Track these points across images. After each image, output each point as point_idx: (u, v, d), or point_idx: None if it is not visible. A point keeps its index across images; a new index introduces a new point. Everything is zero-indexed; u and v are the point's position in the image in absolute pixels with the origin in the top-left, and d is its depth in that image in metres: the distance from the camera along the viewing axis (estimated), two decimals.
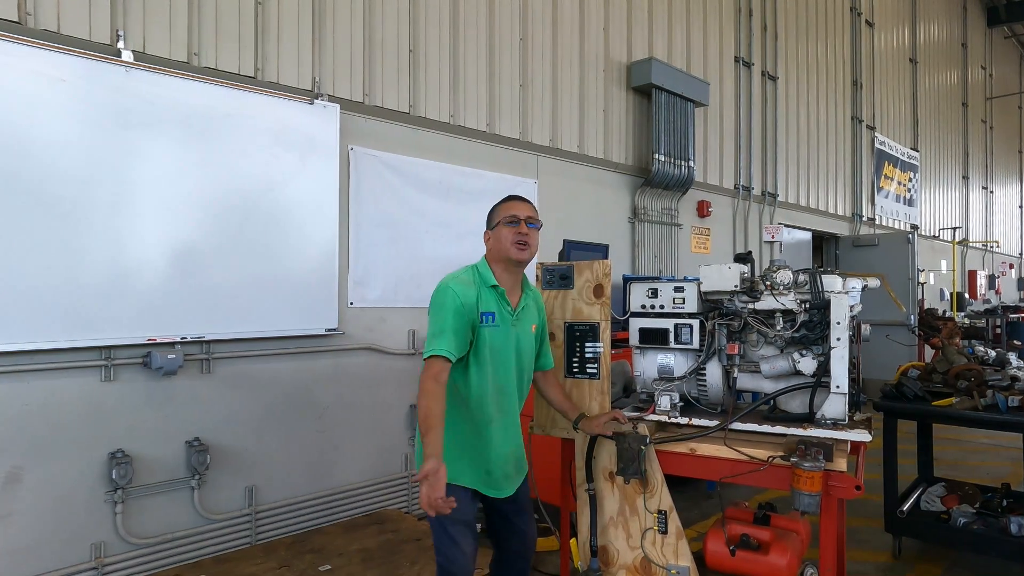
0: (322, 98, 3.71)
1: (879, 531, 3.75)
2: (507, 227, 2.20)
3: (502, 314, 2.20)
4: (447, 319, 2.07)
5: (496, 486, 2.23)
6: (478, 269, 2.25)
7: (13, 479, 2.77)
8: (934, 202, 13.08)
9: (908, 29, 11.84)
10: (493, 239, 2.25)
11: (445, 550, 2.18)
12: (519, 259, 2.20)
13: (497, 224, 2.23)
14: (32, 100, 2.76)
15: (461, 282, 2.15)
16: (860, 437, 2.24)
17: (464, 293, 2.12)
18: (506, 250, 2.19)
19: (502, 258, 2.22)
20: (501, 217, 2.23)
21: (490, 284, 2.19)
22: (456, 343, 2.06)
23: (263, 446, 3.52)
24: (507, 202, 2.29)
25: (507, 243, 2.19)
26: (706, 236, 6.98)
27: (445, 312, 2.08)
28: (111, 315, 2.95)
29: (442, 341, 2.04)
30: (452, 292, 2.11)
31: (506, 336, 2.20)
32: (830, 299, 2.31)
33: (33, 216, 2.76)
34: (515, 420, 2.28)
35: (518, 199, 2.30)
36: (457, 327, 2.07)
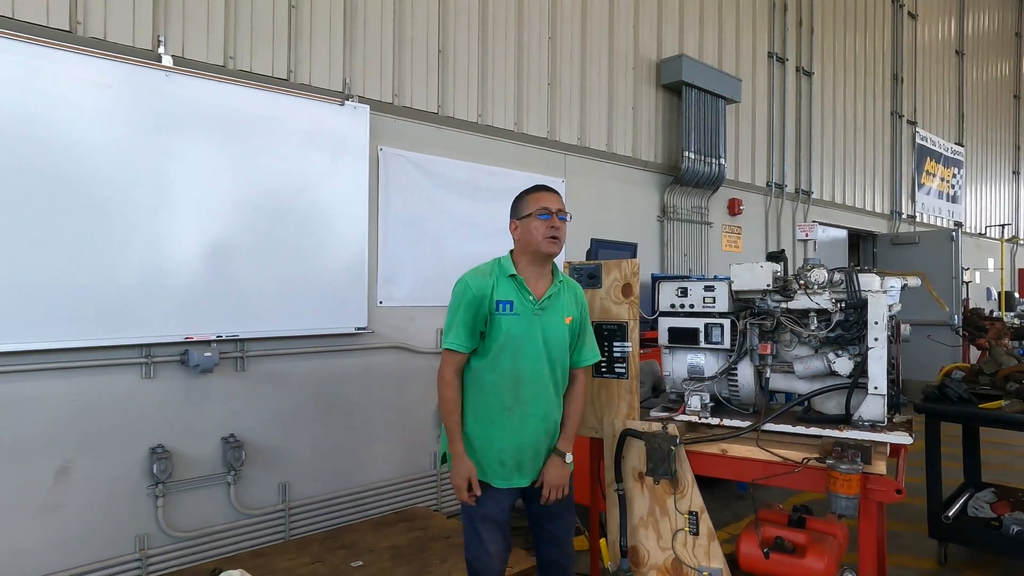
0: (352, 99, 3.76)
1: (922, 536, 3.63)
2: (539, 220, 2.17)
3: (522, 303, 2.17)
4: (458, 312, 2.15)
5: (508, 477, 2.18)
6: (500, 261, 2.25)
7: (63, 472, 2.87)
8: (981, 198, 12.62)
9: (954, 19, 11.45)
10: (522, 230, 2.21)
11: (471, 547, 2.19)
12: (550, 252, 2.19)
13: (527, 216, 2.19)
14: (78, 105, 2.86)
15: (477, 273, 2.19)
16: (900, 439, 2.18)
17: (477, 284, 2.15)
18: (537, 243, 2.17)
19: (531, 250, 2.20)
20: (533, 209, 2.19)
21: (508, 274, 2.19)
22: (466, 335, 2.14)
23: (295, 443, 3.58)
24: (536, 193, 2.24)
25: (539, 236, 2.17)
26: (737, 234, 6.86)
27: (456, 305, 2.16)
28: (151, 314, 3.04)
29: (452, 334, 2.14)
30: (465, 284, 2.17)
31: (528, 325, 2.16)
32: (867, 298, 2.24)
33: (78, 217, 2.86)
34: (539, 411, 2.19)
35: (547, 190, 2.26)
36: (466, 319, 2.14)
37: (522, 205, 2.23)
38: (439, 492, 4.20)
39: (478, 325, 2.15)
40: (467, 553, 2.21)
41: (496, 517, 2.18)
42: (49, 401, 2.84)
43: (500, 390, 2.16)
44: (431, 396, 4.17)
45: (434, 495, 4.17)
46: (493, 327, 2.15)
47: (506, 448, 2.16)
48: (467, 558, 2.21)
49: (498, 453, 2.17)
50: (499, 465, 2.17)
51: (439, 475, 4.19)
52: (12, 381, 2.75)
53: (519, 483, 2.21)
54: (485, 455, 2.17)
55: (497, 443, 2.16)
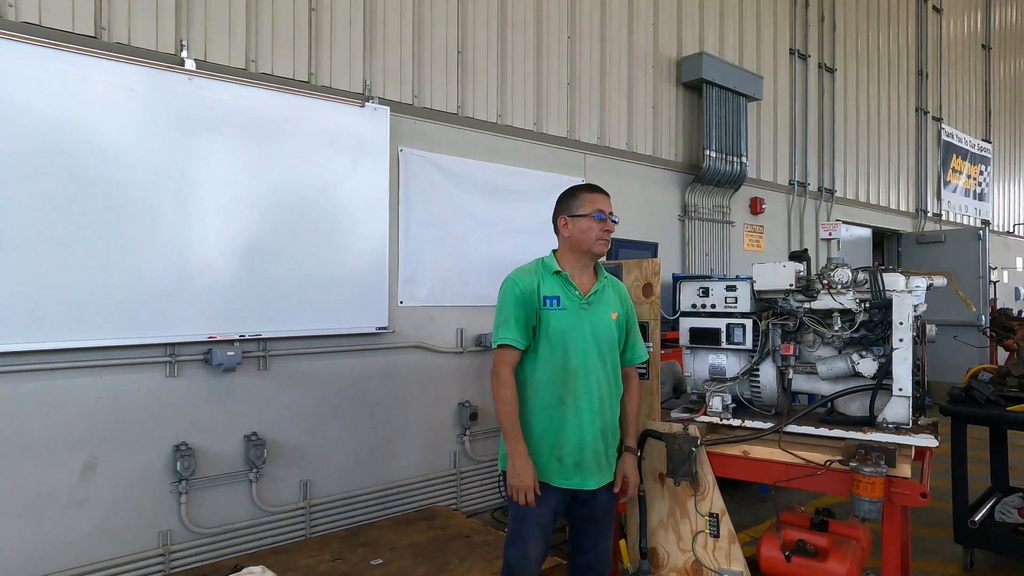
0: (373, 101, 3.79)
1: (948, 541, 3.57)
2: (595, 221, 2.18)
3: (569, 298, 2.18)
4: (509, 309, 2.15)
5: (565, 475, 2.15)
6: (543, 260, 2.26)
7: (90, 468, 2.93)
8: (1009, 196, 12.35)
9: (981, 13, 11.21)
10: (574, 228, 2.20)
11: (514, 547, 2.18)
12: (600, 253, 2.23)
13: (582, 215, 2.19)
14: (105, 109, 2.92)
15: (523, 272, 2.21)
16: (925, 442, 2.14)
17: (524, 281, 2.17)
18: (590, 243, 2.19)
19: (583, 249, 2.21)
20: (589, 210, 2.19)
21: (553, 270, 2.21)
22: (519, 331, 2.14)
23: (317, 441, 3.62)
24: (593, 193, 2.24)
25: (592, 236, 2.18)
26: (759, 233, 6.79)
27: (506, 302, 2.16)
28: (175, 313, 3.09)
29: (507, 331, 2.14)
30: (512, 282, 2.18)
31: (577, 320, 2.17)
32: (892, 298, 2.21)
33: (105, 219, 2.92)
34: (592, 406, 2.17)
35: (601, 192, 2.26)
36: (518, 315, 2.14)
37: (576, 203, 2.22)
38: (459, 491, 4.21)
39: (530, 320, 2.16)
40: (508, 552, 2.20)
41: (542, 519, 2.16)
42: (76, 398, 2.90)
43: (553, 385, 2.16)
44: (451, 395, 4.19)
45: (454, 494, 4.19)
46: (541, 323, 2.16)
47: (563, 444, 2.14)
48: (507, 557, 2.20)
49: (555, 450, 2.15)
50: (557, 463, 2.15)
51: (459, 474, 4.21)
52: (41, 379, 2.82)
53: (579, 484, 2.17)
54: (542, 452, 2.15)
55: (553, 438, 2.15)
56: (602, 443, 2.21)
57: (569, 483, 2.16)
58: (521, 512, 2.16)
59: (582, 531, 2.28)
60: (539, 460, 2.15)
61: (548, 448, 2.16)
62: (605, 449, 2.22)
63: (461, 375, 4.23)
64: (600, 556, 2.29)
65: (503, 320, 2.15)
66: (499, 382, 2.13)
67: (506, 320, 2.14)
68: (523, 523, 2.16)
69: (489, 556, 3.11)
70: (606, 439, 2.23)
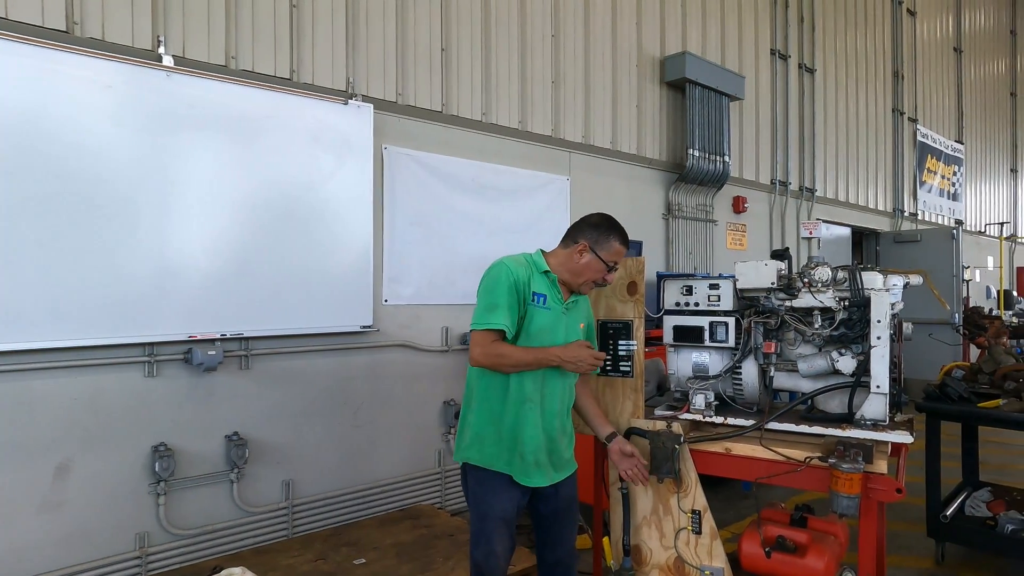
0: (356, 98, 3.76)
1: (921, 536, 3.64)
2: (605, 268, 2.20)
3: (553, 299, 2.19)
4: (501, 294, 2.08)
5: (527, 473, 2.14)
6: (532, 257, 2.24)
7: (64, 470, 2.88)
8: (980, 196, 12.63)
9: (952, 17, 11.44)
10: (587, 260, 2.19)
11: (479, 546, 2.16)
12: (583, 292, 2.28)
13: (601, 256, 2.18)
14: (81, 106, 2.86)
15: (516, 261, 2.17)
16: (901, 439, 2.19)
17: (517, 271, 2.13)
18: (585, 281, 2.22)
19: (573, 279, 2.22)
20: (610, 259, 2.20)
21: (542, 270, 2.20)
22: (511, 319, 2.07)
23: (300, 441, 3.59)
24: (621, 244, 2.23)
25: (588, 277, 2.21)
26: (742, 232, 6.86)
27: (499, 287, 2.09)
28: (155, 312, 3.04)
29: (500, 315, 2.05)
30: (507, 267, 2.12)
31: (556, 321, 2.18)
32: (870, 296, 2.25)
33: (83, 217, 2.86)
34: (556, 409, 2.20)
35: (627, 243, 2.26)
36: (511, 303, 2.08)
37: (606, 244, 2.20)
38: (444, 490, 4.21)
39: (520, 310, 2.11)
40: (475, 552, 2.17)
41: (506, 515, 2.15)
42: (52, 399, 2.85)
43: (523, 382, 2.13)
44: (436, 394, 4.18)
45: (439, 493, 4.18)
46: (527, 317, 2.14)
47: (528, 441, 2.13)
48: (474, 557, 2.17)
49: (519, 446, 2.13)
50: (519, 459, 2.13)
51: (444, 472, 4.21)
52: (15, 380, 2.76)
53: (538, 482, 2.17)
54: (506, 448, 2.14)
55: (519, 435, 2.13)
56: (562, 442, 2.26)
57: (530, 481, 2.15)
58: (483, 511, 2.15)
59: (548, 527, 2.28)
60: (501, 455, 2.14)
61: (510, 444, 2.14)
62: (563, 449, 2.27)
63: (446, 374, 4.23)
64: (568, 551, 2.31)
65: (495, 304, 2.06)
66: (493, 354, 2.04)
67: (498, 305, 2.06)
68: (486, 521, 2.14)
69: None
70: (565, 438, 2.28)
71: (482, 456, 2.16)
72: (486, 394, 2.17)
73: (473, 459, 2.18)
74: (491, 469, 2.15)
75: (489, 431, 2.16)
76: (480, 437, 2.17)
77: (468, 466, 2.21)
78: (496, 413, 2.15)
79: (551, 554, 2.30)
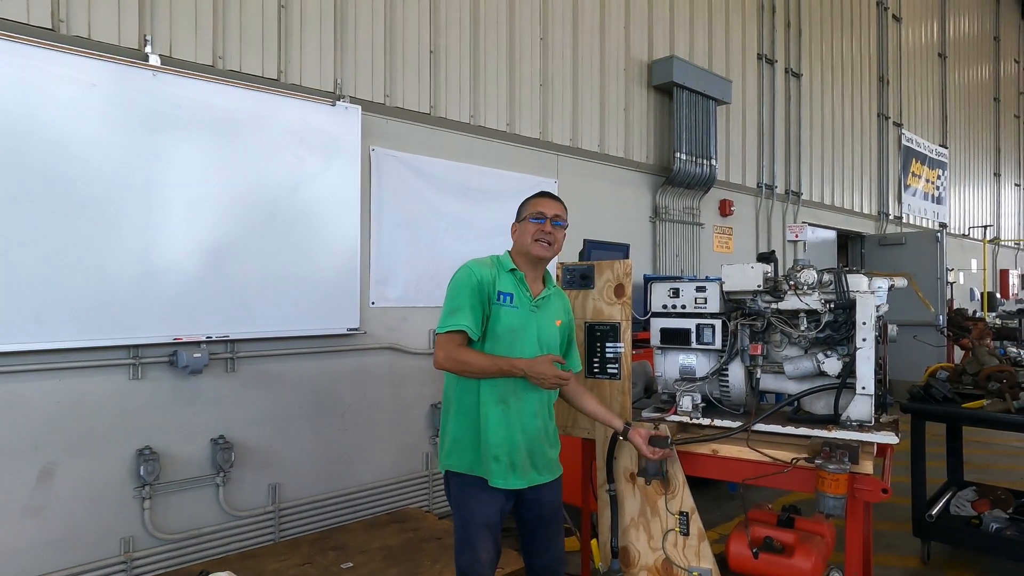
0: (344, 99, 3.74)
1: (907, 535, 3.68)
2: (532, 223, 2.21)
3: (520, 297, 2.18)
4: (464, 296, 2.09)
5: (504, 476, 2.10)
6: (499, 257, 2.27)
7: (47, 474, 2.84)
8: (964, 200, 12.79)
9: (937, 23, 11.59)
10: (518, 232, 2.27)
11: (464, 553, 2.13)
12: (539, 255, 2.20)
13: (524, 218, 2.25)
14: (66, 105, 2.83)
15: (480, 263, 2.20)
16: (887, 439, 2.20)
17: (481, 272, 2.14)
18: (528, 245, 2.20)
19: (523, 252, 2.23)
20: (528, 212, 2.24)
21: (508, 268, 2.21)
22: (475, 320, 2.07)
23: (286, 444, 3.56)
24: (536, 198, 2.29)
25: (529, 238, 2.20)
26: (728, 235, 6.91)
27: (461, 289, 2.10)
28: (139, 314, 3.01)
29: (462, 317, 2.06)
30: (469, 270, 2.14)
31: (526, 320, 2.17)
32: (855, 299, 2.27)
33: (68, 217, 2.83)
34: (534, 409, 2.17)
35: (548, 196, 2.30)
36: (474, 304, 2.08)
37: (523, 208, 2.30)
38: (431, 493, 4.19)
39: (485, 311, 2.12)
40: (459, 560, 2.15)
41: (489, 521, 2.12)
42: (35, 402, 2.81)
43: (495, 383, 2.11)
44: (423, 397, 4.17)
45: (426, 496, 4.17)
46: (493, 317, 2.13)
47: (501, 443, 2.10)
48: (459, 564, 2.15)
49: (493, 448, 2.10)
50: (494, 462, 2.10)
51: (431, 476, 4.19)
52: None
53: (515, 484, 2.13)
54: (480, 451, 2.11)
55: (492, 437, 2.10)
56: (543, 443, 2.21)
57: (508, 484, 2.11)
58: (465, 517, 2.12)
59: (532, 533, 2.25)
60: (479, 459, 2.12)
61: (488, 448, 2.10)
62: (545, 450, 2.22)
63: (434, 377, 4.21)
64: (556, 557, 2.28)
65: (457, 307, 2.08)
66: (455, 359, 2.03)
67: (460, 307, 2.07)
68: (469, 527, 2.11)
69: None
70: (548, 439, 2.23)
71: (461, 462, 2.14)
72: (463, 399, 2.15)
73: (454, 466, 2.15)
74: (472, 475, 2.13)
75: (467, 436, 2.13)
76: (459, 443, 2.15)
77: (450, 473, 2.19)
78: (472, 417, 2.13)
79: (538, 560, 2.28)
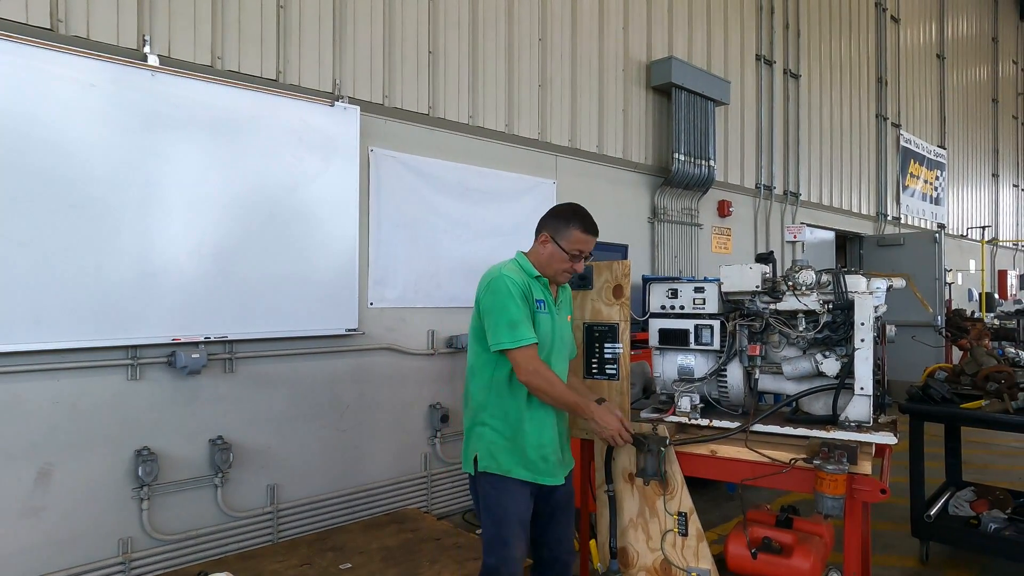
0: (343, 100, 3.74)
1: (906, 535, 3.68)
2: (569, 257, 2.21)
3: (548, 302, 2.24)
4: (515, 308, 2.10)
5: (549, 473, 2.21)
6: (520, 263, 2.25)
7: (44, 475, 2.83)
8: (962, 200, 12.81)
9: (935, 24, 11.61)
10: (549, 252, 2.22)
11: (496, 551, 2.15)
12: (559, 283, 2.29)
13: (562, 243, 2.20)
14: (65, 105, 2.83)
15: (512, 271, 2.18)
16: (885, 440, 2.20)
17: (520, 281, 2.16)
18: (553, 271, 2.24)
19: (543, 269, 2.25)
20: (570, 247, 2.20)
21: (534, 275, 2.23)
22: (533, 330, 2.12)
23: (285, 445, 3.56)
24: (584, 234, 2.21)
25: (557, 268, 2.23)
26: (727, 236, 6.91)
27: (510, 300, 2.10)
28: (138, 315, 3.01)
29: (525, 329, 2.09)
30: (510, 280, 2.13)
31: (554, 322, 2.25)
32: (854, 299, 2.27)
33: (66, 217, 2.83)
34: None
35: (593, 230, 2.24)
36: (527, 314, 2.12)
37: (566, 233, 2.21)
38: (430, 494, 4.19)
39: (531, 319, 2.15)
40: (490, 558, 2.16)
41: (523, 517, 2.18)
42: (33, 403, 2.81)
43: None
44: (422, 397, 4.17)
45: (425, 497, 4.16)
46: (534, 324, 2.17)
47: (550, 443, 2.20)
48: (490, 563, 2.15)
49: (546, 448, 2.19)
50: (543, 461, 2.18)
51: (430, 476, 4.19)
52: None
53: (559, 480, 2.24)
54: (528, 451, 2.17)
55: (545, 438, 2.19)
56: (566, 439, 2.35)
57: (553, 480, 2.22)
58: (499, 515, 2.15)
59: (546, 525, 2.31)
60: (518, 460, 2.17)
61: (538, 447, 2.19)
62: (562, 445, 2.32)
63: (432, 377, 4.21)
64: (567, 547, 2.36)
65: (514, 320, 2.08)
66: (540, 375, 2.08)
67: (518, 319, 2.08)
68: (503, 526, 2.14)
69: (460, 559, 3.10)
70: (563, 436, 2.33)
71: (499, 466, 2.18)
72: (501, 403, 2.19)
73: (491, 468, 2.19)
74: (511, 477, 2.17)
75: (506, 441, 2.18)
76: (495, 444, 2.19)
77: (482, 474, 2.21)
78: (513, 420, 2.18)
79: (548, 552, 2.33)
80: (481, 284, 2.22)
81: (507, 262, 2.26)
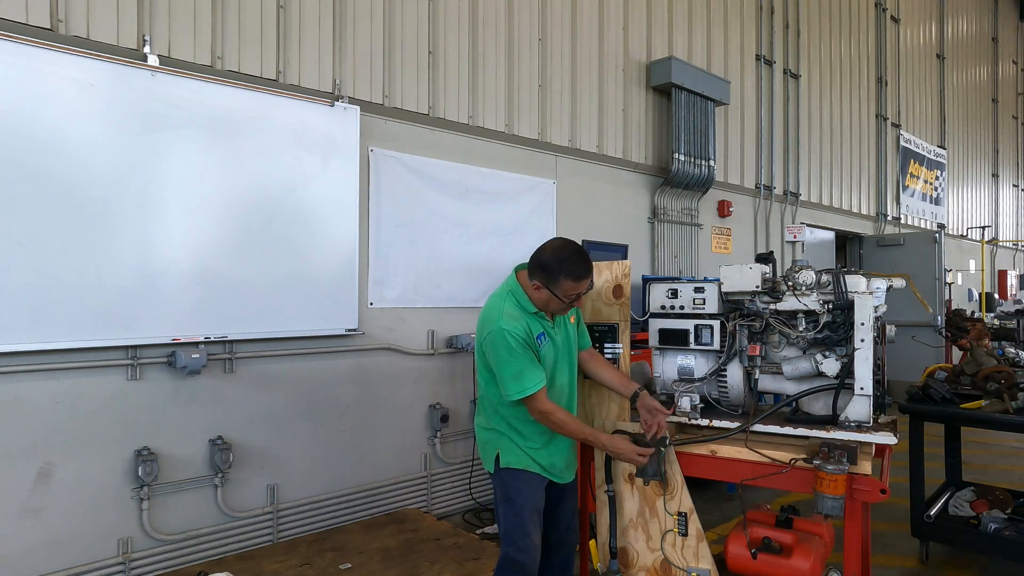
0: (342, 100, 3.74)
1: (906, 535, 3.68)
2: (564, 299, 2.20)
3: (547, 331, 2.30)
4: (520, 359, 2.17)
5: (559, 475, 2.38)
6: (515, 298, 2.25)
7: (45, 475, 2.83)
8: (962, 201, 12.81)
9: (935, 24, 11.61)
10: (544, 299, 2.22)
11: (517, 540, 2.24)
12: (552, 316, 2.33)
13: (556, 292, 2.18)
14: (64, 105, 2.83)
15: (509, 319, 2.18)
16: (885, 440, 2.20)
17: (518, 329, 2.18)
18: (552, 311, 2.30)
19: (539, 306, 2.27)
20: (565, 293, 2.18)
21: (531, 312, 2.26)
22: (539, 371, 2.21)
23: (285, 445, 3.56)
24: (576, 282, 2.17)
25: (555, 308, 2.28)
26: (727, 236, 6.91)
27: (514, 353, 2.16)
28: (138, 315, 3.01)
29: (530, 378, 2.16)
30: (508, 333, 2.16)
31: (555, 346, 2.33)
32: (854, 299, 2.27)
33: (67, 217, 2.83)
34: (574, 412, 2.46)
35: (585, 274, 2.20)
36: (531, 358, 2.20)
37: (557, 283, 2.17)
38: (430, 494, 4.19)
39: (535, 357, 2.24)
40: (509, 547, 2.25)
41: (539, 505, 2.31)
42: (32, 403, 2.81)
43: (561, 400, 2.36)
44: (421, 397, 4.17)
45: (424, 497, 4.16)
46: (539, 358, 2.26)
47: (559, 455, 2.38)
48: (510, 552, 2.25)
49: (564, 451, 2.39)
50: (552, 467, 2.36)
51: (429, 476, 4.19)
52: None
53: (569, 478, 2.45)
54: (541, 460, 2.32)
55: (560, 446, 2.37)
56: (572, 447, 2.46)
57: (563, 478, 2.41)
58: (520, 504, 2.26)
59: (553, 510, 2.43)
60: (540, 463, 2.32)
61: (555, 452, 2.36)
62: (571, 452, 2.47)
63: (432, 377, 4.21)
64: (573, 530, 2.50)
65: (518, 371, 2.15)
66: (551, 417, 2.21)
67: (522, 370, 2.16)
68: (524, 516, 2.25)
69: (460, 559, 3.10)
70: (572, 444, 2.46)
71: (519, 460, 2.32)
72: (522, 418, 2.29)
73: (512, 463, 2.31)
74: (528, 470, 2.31)
75: (526, 449, 2.31)
76: (513, 445, 2.31)
77: (502, 468, 2.32)
78: (535, 432, 2.31)
79: (554, 534, 2.44)
80: (481, 327, 2.25)
81: (505, 300, 2.23)
